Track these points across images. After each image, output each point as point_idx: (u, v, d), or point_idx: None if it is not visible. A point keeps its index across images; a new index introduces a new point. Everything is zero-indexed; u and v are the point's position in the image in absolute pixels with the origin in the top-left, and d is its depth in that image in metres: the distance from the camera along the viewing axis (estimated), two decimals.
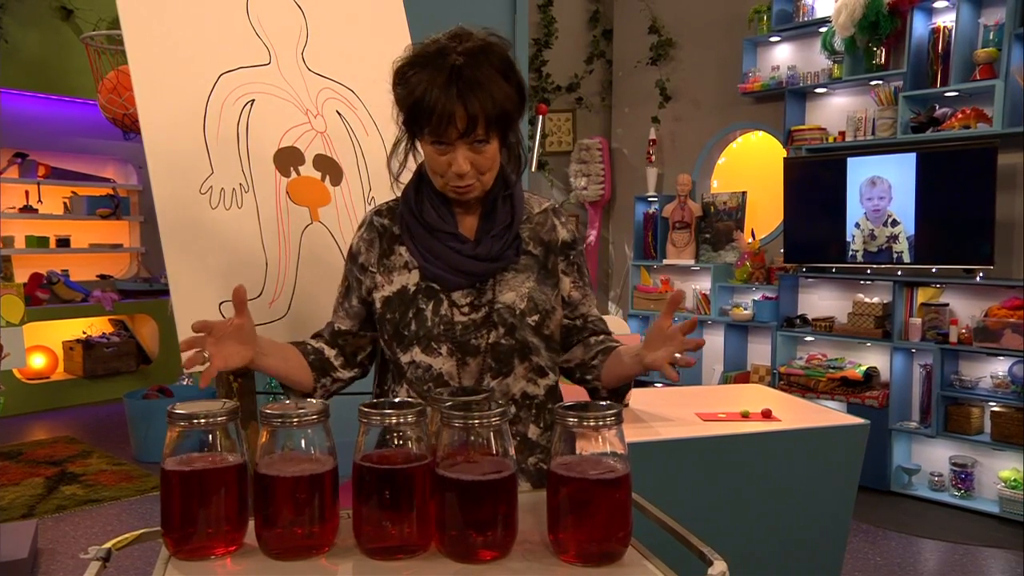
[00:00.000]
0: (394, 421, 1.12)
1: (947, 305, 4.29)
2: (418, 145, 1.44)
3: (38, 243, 6.32)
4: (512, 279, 1.46)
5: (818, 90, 4.92)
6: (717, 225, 5.55)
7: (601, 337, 1.53)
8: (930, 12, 4.41)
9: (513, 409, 1.46)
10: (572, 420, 1.10)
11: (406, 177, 1.50)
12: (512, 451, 1.12)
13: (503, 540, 1.11)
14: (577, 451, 1.11)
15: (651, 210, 5.90)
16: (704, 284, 5.63)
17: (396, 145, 1.47)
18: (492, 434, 1.10)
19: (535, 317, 1.45)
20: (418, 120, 1.35)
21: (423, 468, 1.12)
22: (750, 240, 5.36)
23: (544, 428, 1.50)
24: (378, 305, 1.48)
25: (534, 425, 1.49)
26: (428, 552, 1.14)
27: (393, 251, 1.49)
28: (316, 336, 1.54)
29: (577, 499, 1.08)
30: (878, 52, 4.54)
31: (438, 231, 1.44)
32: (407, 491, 1.11)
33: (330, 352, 1.51)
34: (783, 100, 5.02)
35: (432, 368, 1.44)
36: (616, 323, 3.62)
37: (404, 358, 1.46)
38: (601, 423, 1.09)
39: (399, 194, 1.54)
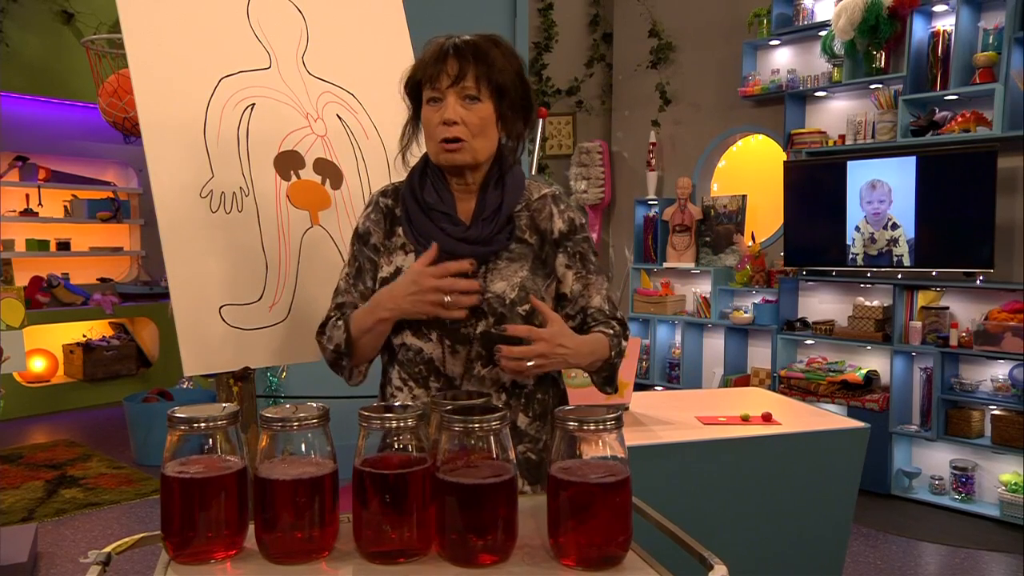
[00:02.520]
0: (394, 425, 1.12)
1: (947, 308, 4.29)
2: (419, 136, 1.49)
3: (38, 246, 6.32)
4: (505, 268, 1.46)
5: (818, 93, 4.93)
6: (717, 228, 5.55)
7: (590, 326, 1.49)
8: (930, 16, 4.42)
9: (504, 397, 1.46)
10: (572, 424, 1.10)
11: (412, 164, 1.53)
12: (512, 455, 1.12)
13: (503, 544, 1.10)
14: (577, 455, 1.11)
15: (651, 213, 5.90)
16: (704, 287, 5.63)
17: (404, 129, 1.52)
18: (492, 438, 1.10)
19: (525, 307, 1.45)
20: (417, 83, 1.43)
21: (423, 472, 1.12)
22: (750, 243, 5.36)
23: (533, 418, 1.50)
24: (376, 286, 1.50)
25: (523, 414, 1.49)
26: (428, 556, 1.14)
27: (394, 232, 1.51)
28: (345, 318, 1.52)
29: (577, 503, 1.08)
30: (878, 56, 4.54)
31: (434, 211, 1.45)
32: (407, 495, 1.11)
33: None
34: (783, 103, 5.02)
35: (423, 352, 1.45)
36: None
37: (395, 340, 1.47)
38: (601, 427, 1.09)
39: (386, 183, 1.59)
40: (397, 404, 1.23)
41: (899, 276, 4.43)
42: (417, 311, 1.37)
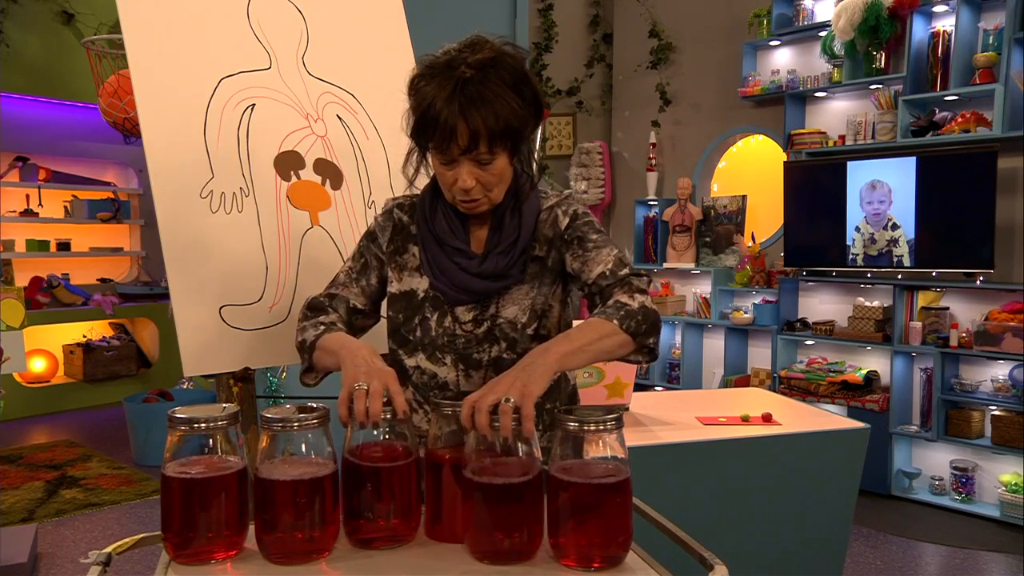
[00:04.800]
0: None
1: (947, 309, 4.29)
2: (428, 161, 1.42)
3: (39, 247, 6.32)
4: (516, 291, 1.44)
5: (818, 94, 4.93)
6: (717, 229, 5.55)
7: (596, 302, 1.42)
8: (930, 16, 4.42)
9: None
10: (573, 425, 1.10)
11: (420, 182, 1.49)
12: (538, 452, 1.14)
13: (531, 543, 1.13)
14: (578, 455, 1.11)
15: (651, 214, 5.90)
16: (704, 288, 5.63)
17: (409, 154, 1.45)
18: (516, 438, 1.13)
19: (534, 325, 1.44)
20: (424, 133, 1.34)
21: (406, 465, 1.17)
22: (750, 244, 5.36)
23: (544, 429, 1.49)
24: (386, 296, 1.50)
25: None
26: (422, 548, 1.15)
27: (407, 250, 1.49)
28: (332, 311, 1.47)
29: (578, 503, 1.09)
30: (878, 56, 4.54)
31: (447, 245, 1.43)
32: (389, 484, 1.16)
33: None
34: (783, 104, 5.02)
35: (437, 376, 1.45)
36: None
37: (409, 361, 1.46)
38: (602, 427, 1.10)
39: (404, 194, 1.54)
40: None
41: (899, 276, 4.43)
42: (348, 375, 1.23)
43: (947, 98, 4.29)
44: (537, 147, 4.61)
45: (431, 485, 1.21)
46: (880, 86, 4.59)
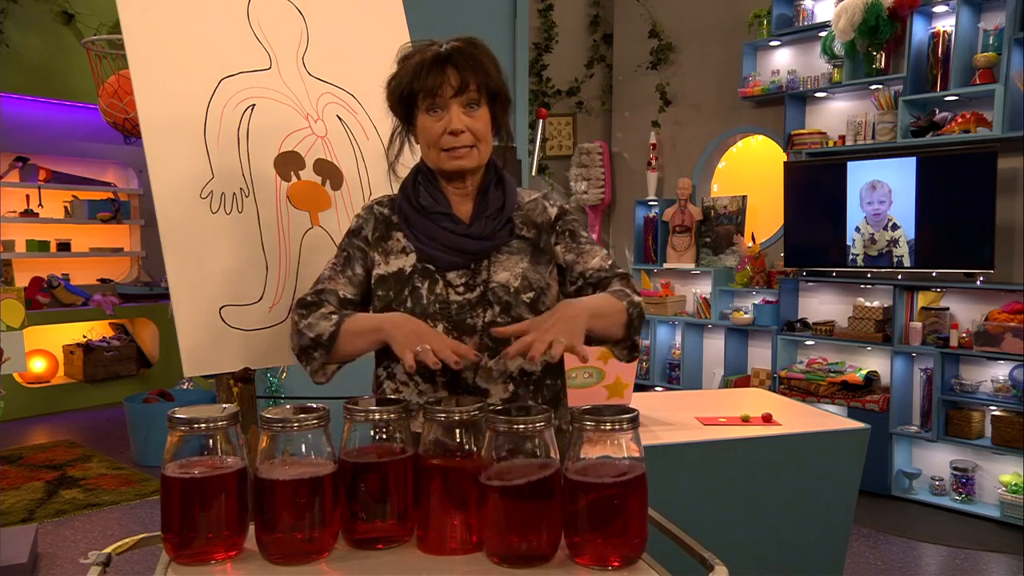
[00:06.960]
0: (377, 417, 1.17)
1: (947, 309, 4.29)
2: (411, 140, 1.51)
3: (39, 247, 6.32)
4: (506, 260, 1.48)
5: (818, 94, 4.93)
6: (717, 229, 5.55)
7: (593, 286, 1.50)
8: (930, 17, 4.42)
9: (512, 387, 1.46)
10: (589, 424, 1.10)
11: (402, 172, 1.54)
12: (555, 453, 1.14)
13: (552, 544, 1.12)
14: (593, 455, 1.11)
15: (651, 214, 5.90)
16: (704, 288, 5.63)
17: (392, 137, 1.53)
18: (538, 438, 1.13)
19: (530, 295, 1.46)
20: (412, 93, 1.43)
21: (403, 462, 1.17)
22: (750, 244, 5.36)
23: (544, 403, 1.49)
24: (372, 281, 1.51)
25: (532, 402, 1.49)
26: (415, 547, 1.15)
27: (391, 236, 1.52)
28: (326, 304, 1.47)
29: (597, 503, 1.09)
30: (878, 56, 4.54)
31: (433, 213, 1.47)
32: (385, 484, 1.16)
33: None
34: (783, 104, 5.02)
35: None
36: None
37: None
38: (618, 427, 1.10)
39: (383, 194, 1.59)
40: (380, 397, 1.27)
41: (899, 277, 4.42)
42: (403, 342, 1.32)
43: (947, 98, 4.29)
44: (537, 147, 4.61)
45: (422, 494, 1.18)
46: (880, 86, 4.59)
